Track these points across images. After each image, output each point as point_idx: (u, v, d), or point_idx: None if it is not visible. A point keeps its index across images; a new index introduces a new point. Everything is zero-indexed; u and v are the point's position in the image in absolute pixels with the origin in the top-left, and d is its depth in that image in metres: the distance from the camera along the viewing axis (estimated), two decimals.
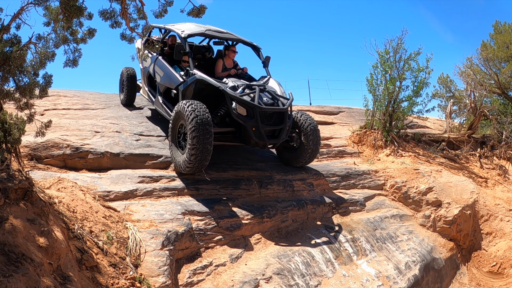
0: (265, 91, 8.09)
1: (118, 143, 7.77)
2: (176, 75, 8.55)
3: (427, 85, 13.55)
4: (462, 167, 13.26)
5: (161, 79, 9.17)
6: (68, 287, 3.12)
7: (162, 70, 9.16)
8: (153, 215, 5.85)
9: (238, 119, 7.61)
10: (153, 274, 4.74)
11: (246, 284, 5.42)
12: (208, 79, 7.81)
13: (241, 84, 8.08)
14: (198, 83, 7.98)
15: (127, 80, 11.29)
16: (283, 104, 7.98)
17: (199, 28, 9.16)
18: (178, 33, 8.88)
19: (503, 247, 9.96)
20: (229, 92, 7.60)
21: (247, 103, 7.56)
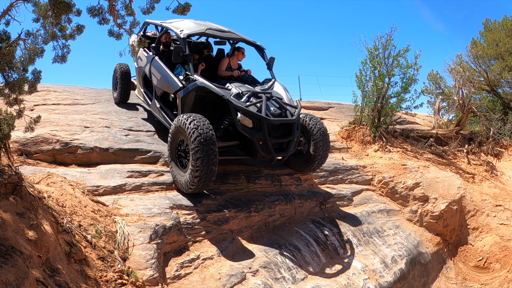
0: (271, 99, 7.53)
1: (108, 138, 7.81)
2: (174, 80, 7.96)
3: (415, 81, 13.74)
4: (449, 163, 13.42)
5: (158, 82, 8.56)
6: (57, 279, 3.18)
7: (159, 72, 8.55)
8: (141, 209, 5.91)
9: (243, 132, 7.08)
10: (141, 267, 4.81)
11: (233, 277, 5.50)
12: (211, 87, 7.24)
13: (245, 90, 7.50)
14: (199, 90, 7.41)
15: (121, 77, 10.72)
16: (291, 114, 7.43)
17: (199, 27, 8.56)
18: (177, 33, 8.28)
19: (490, 242, 10.12)
20: (233, 102, 7.06)
21: (253, 114, 7.00)
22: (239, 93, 7.39)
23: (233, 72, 8.64)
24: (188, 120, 6.56)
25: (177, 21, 9.25)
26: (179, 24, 8.86)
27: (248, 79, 8.74)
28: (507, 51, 18.32)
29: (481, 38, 20.16)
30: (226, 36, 8.64)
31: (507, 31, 18.88)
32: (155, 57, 8.85)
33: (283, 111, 7.42)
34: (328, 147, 8.56)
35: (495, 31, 19.37)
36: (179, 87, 7.78)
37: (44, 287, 2.80)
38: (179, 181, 6.79)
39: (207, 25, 8.83)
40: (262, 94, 7.43)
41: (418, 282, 8.58)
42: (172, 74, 8.19)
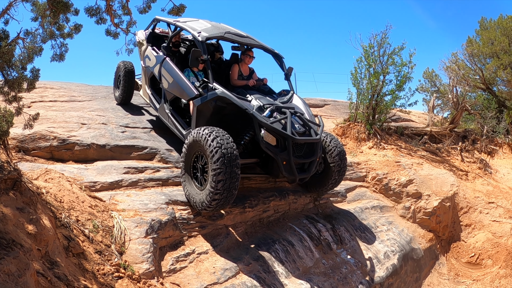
0: (295, 115, 6.95)
1: (104, 135, 7.87)
2: (189, 86, 7.32)
3: (410, 79, 13.89)
4: (443, 160, 13.56)
5: (169, 86, 7.94)
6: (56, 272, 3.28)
7: (171, 75, 7.89)
8: (137, 204, 5.99)
9: (267, 150, 6.53)
10: (137, 261, 4.90)
11: (227, 271, 5.59)
12: (233, 98, 6.67)
13: (267, 104, 6.96)
14: (219, 100, 6.85)
15: (124, 76, 10.04)
16: (315, 133, 6.91)
17: (217, 30, 7.90)
18: (194, 35, 7.63)
19: (482, 238, 10.26)
20: (258, 118, 6.48)
21: (279, 132, 6.43)
22: (261, 106, 6.88)
23: (248, 81, 8.02)
24: (211, 136, 5.96)
25: (191, 20, 8.63)
26: (194, 24, 8.25)
27: (265, 89, 8.08)
28: (502, 50, 18.43)
29: (477, 37, 20.26)
30: (245, 41, 7.98)
31: (502, 30, 18.98)
32: (166, 58, 8.25)
33: (307, 129, 6.91)
34: (344, 170, 8.17)
35: (490, 30, 19.48)
36: (195, 95, 7.17)
37: (44, 278, 2.91)
38: (192, 197, 6.33)
39: (225, 28, 8.23)
40: (286, 109, 6.88)
41: (411, 277, 8.68)
42: (187, 79, 7.60)
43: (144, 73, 9.47)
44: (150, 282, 4.69)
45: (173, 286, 5.06)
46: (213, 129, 6.10)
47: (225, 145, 5.88)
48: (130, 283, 4.34)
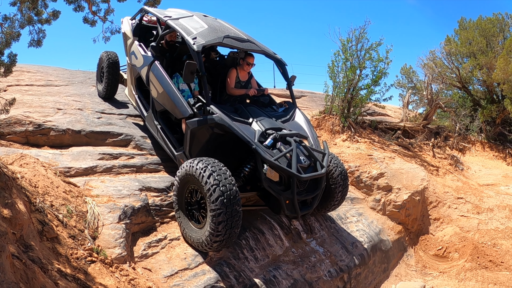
0: (300, 145, 6.23)
1: (80, 121, 7.89)
2: (183, 103, 6.58)
3: (385, 75, 14.06)
4: (415, 155, 13.81)
5: (159, 96, 7.18)
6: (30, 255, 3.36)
7: (161, 84, 7.08)
8: (111, 190, 6.06)
9: (269, 189, 5.88)
10: (110, 245, 4.98)
11: (197, 257, 5.70)
12: (233, 127, 5.95)
13: (269, 128, 6.26)
14: (218, 127, 6.17)
15: (108, 68, 9.31)
16: (322, 166, 6.17)
17: (214, 34, 7.00)
18: (189, 43, 6.72)
19: (450, 232, 10.41)
20: (262, 154, 5.75)
21: (284, 171, 5.74)
22: (263, 132, 6.16)
23: (248, 91, 7.31)
24: (206, 171, 5.37)
25: (184, 16, 7.78)
26: (188, 23, 7.39)
27: (265, 100, 7.45)
28: (479, 50, 18.75)
29: (456, 36, 20.54)
30: (246, 47, 7.17)
31: (481, 31, 19.29)
32: (156, 62, 7.42)
33: (312, 160, 6.22)
34: (346, 190, 7.69)
35: (469, 30, 19.78)
36: (189, 114, 6.47)
37: (19, 261, 2.99)
38: (189, 236, 5.83)
39: (223, 30, 7.29)
40: (290, 138, 6.16)
41: (379, 268, 8.79)
42: (179, 92, 6.80)
43: (130, 71, 8.61)
44: (122, 266, 4.77)
45: (145, 271, 5.15)
46: (208, 162, 5.50)
47: (223, 181, 5.30)
48: (103, 267, 4.43)
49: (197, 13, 8.03)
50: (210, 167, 5.40)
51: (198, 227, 5.72)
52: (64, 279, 3.52)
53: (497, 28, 19.09)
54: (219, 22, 7.80)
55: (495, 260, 9.49)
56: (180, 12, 8.12)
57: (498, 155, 16.96)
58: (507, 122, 18.26)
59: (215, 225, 5.27)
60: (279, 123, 6.64)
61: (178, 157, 6.78)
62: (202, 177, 5.37)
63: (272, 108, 7.32)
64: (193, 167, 5.52)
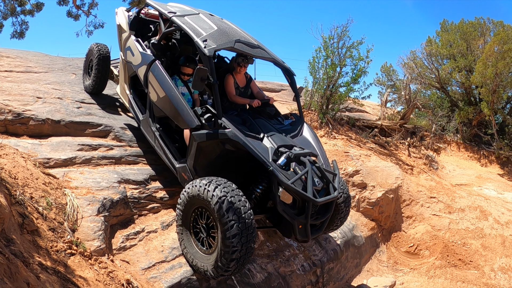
0: (313, 165, 5.82)
1: (60, 110, 7.83)
2: (189, 112, 6.05)
3: (365, 73, 14.27)
4: (390, 153, 14.04)
5: (159, 101, 6.64)
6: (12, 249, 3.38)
7: (162, 87, 6.54)
8: (90, 182, 6.06)
9: (283, 214, 5.44)
10: (89, 238, 5.02)
11: (174, 250, 5.76)
12: (248, 145, 5.50)
13: (281, 146, 5.84)
14: (229, 143, 5.71)
15: (97, 62, 8.70)
16: (334, 189, 5.79)
17: (226, 37, 6.44)
18: (199, 46, 6.14)
19: (421, 230, 10.61)
20: (279, 177, 5.30)
21: (301, 195, 5.32)
22: (276, 150, 5.75)
23: (252, 102, 6.82)
24: (221, 197, 4.90)
25: (189, 13, 7.19)
26: (195, 22, 6.80)
27: (271, 112, 7.01)
28: (459, 53, 19.10)
29: (437, 37, 20.89)
30: (256, 54, 6.68)
31: (462, 34, 19.64)
32: (156, 62, 6.89)
33: (324, 181, 5.85)
34: (346, 218, 7.29)
35: (450, 33, 20.12)
36: (196, 125, 5.94)
37: (2, 255, 3.01)
38: (194, 262, 5.42)
39: (233, 33, 6.74)
40: (305, 158, 5.74)
41: (351, 263, 8.89)
42: (184, 100, 6.28)
43: (123, 68, 8.00)
44: (101, 259, 4.82)
45: (123, 263, 5.21)
46: (220, 183, 5.06)
47: (239, 207, 4.90)
48: (82, 260, 4.47)
49: (202, 11, 7.51)
50: (225, 191, 4.94)
51: (205, 252, 5.31)
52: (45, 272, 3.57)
53: (478, 32, 19.47)
54: (227, 24, 7.25)
55: (464, 259, 9.73)
56: (184, 8, 7.59)
57: (473, 156, 17.36)
58: (483, 124, 18.66)
59: (229, 255, 4.88)
60: (290, 139, 6.23)
61: (180, 170, 6.29)
62: (214, 201, 4.91)
63: (278, 120, 6.94)
64: (202, 188, 5.07)
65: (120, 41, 8.22)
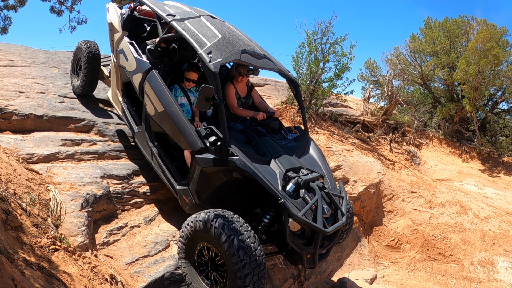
0: (322, 190, 5.45)
1: (42, 105, 7.82)
2: (192, 134, 5.56)
3: (348, 69, 14.36)
4: (372, 149, 14.17)
5: (157, 115, 6.12)
6: None
7: (161, 101, 6.01)
8: (73, 178, 6.06)
9: (293, 245, 5.19)
10: (73, 233, 5.02)
11: (157, 244, 5.79)
12: (258, 176, 5.11)
13: (291, 171, 5.47)
14: (237, 171, 5.32)
15: (86, 61, 8.12)
16: (342, 214, 5.46)
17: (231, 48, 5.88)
18: (204, 60, 5.57)
19: (402, 224, 10.69)
20: (290, 209, 4.96)
21: (311, 226, 5.04)
22: (284, 175, 5.41)
23: (257, 115, 6.47)
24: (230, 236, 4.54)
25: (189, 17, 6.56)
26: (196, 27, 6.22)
27: (275, 125, 6.62)
28: (442, 50, 19.29)
29: (421, 35, 21.05)
30: (263, 65, 6.23)
31: (445, 32, 19.85)
32: (154, 72, 6.31)
33: (332, 206, 5.54)
34: (352, 227, 6.97)
35: (434, 30, 20.29)
36: (199, 148, 5.49)
37: None
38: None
39: (238, 41, 6.21)
40: (314, 185, 5.42)
41: (333, 256, 8.94)
42: (186, 118, 5.77)
43: (116, 72, 7.40)
44: (84, 254, 4.84)
45: (107, 258, 5.23)
46: (224, 219, 4.69)
47: (249, 245, 4.56)
48: (66, 255, 4.49)
49: (202, 12, 7.01)
50: (230, 228, 4.59)
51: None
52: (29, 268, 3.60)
53: (461, 30, 19.67)
54: (230, 29, 6.67)
55: (444, 252, 9.85)
56: (183, 9, 6.99)
57: (455, 151, 17.58)
58: (465, 120, 18.88)
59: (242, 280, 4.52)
60: (297, 159, 5.91)
61: (181, 192, 5.89)
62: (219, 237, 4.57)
63: (281, 134, 6.62)
64: (207, 224, 4.68)
65: (112, 41, 7.61)
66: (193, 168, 5.55)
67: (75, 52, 8.67)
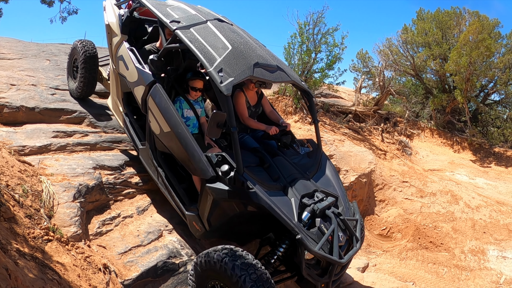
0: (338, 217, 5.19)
1: (34, 97, 7.80)
2: (202, 160, 5.13)
3: (340, 60, 14.39)
4: (364, 139, 14.24)
5: (163, 135, 5.60)
6: None
7: (167, 120, 5.47)
8: (65, 169, 6.08)
9: (309, 277, 4.95)
10: (65, 224, 5.05)
11: (150, 234, 5.83)
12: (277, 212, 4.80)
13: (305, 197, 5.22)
14: (253, 204, 4.97)
15: (84, 62, 7.65)
16: (357, 240, 5.29)
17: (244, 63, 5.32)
18: (214, 78, 5.04)
19: (394, 214, 10.79)
20: (308, 245, 4.70)
21: (328, 259, 4.81)
22: (300, 203, 5.13)
23: (270, 129, 6.02)
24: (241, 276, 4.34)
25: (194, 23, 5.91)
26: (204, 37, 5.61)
27: (287, 140, 6.17)
28: (434, 41, 19.35)
29: (413, 26, 21.11)
30: (277, 79, 5.66)
31: (437, 23, 19.91)
32: (157, 86, 5.72)
33: (347, 232, 5.30)
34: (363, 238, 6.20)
35: (426, 21, 20.35)
36: (211, 176, 5.07)
37: None
38: None
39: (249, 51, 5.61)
40: (330, 212, 5.16)
41: None
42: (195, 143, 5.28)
43: (116, 80, 6.83)
44: (77, 244, 4.87)
45: (100, 248, 5.26)
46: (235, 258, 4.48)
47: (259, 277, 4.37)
48: (59, 246, 4.52)
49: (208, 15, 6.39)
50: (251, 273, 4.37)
51: None
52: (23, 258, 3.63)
53: (453, 21, 19.73)
54: (239, 35, 6.05)
55: (435, 241, 9.95)
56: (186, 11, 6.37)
57: (446, 142, 17.70)
58: (457, 111, 19.00)
59: None
60: (312, 183, 5.59)
61: (190, 218, 5.55)
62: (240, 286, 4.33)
63: (293, 148, 6.22)
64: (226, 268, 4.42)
65: (110, 45, 6.97)
66: (204, 197, 5.20)
67: (71, 52, 8.24)
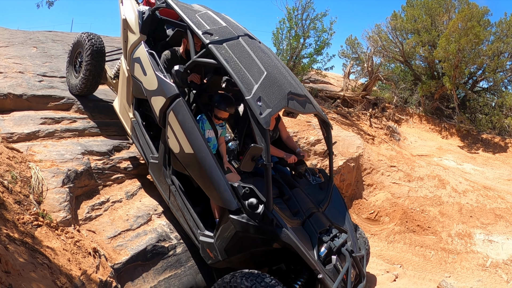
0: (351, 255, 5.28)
1: (21, 84, 7.75)
2: (226, 189, 4.88)
3: (328, 45, 14.44)
4: (352, 124, 14.28)
5: (182, 156, 5.24)
6: None
7: (190, 141, 5.12)
8: (54, 155, 6.09)
9: None
10: (55, 209, 5.08)
11: (139, 218, 5.90)
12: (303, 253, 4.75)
13: (323, 234, 5.28)
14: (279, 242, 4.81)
15: (90, 57, 7.07)
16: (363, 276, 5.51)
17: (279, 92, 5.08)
18: (254, 109, 4.74)
19: (382, 198, 10.85)
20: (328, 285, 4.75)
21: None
22: (318, 239, 5.17)
23: (289, 158, 5.95)
24: None
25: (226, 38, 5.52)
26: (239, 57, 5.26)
27: (302, 170, 6.08)
28: (424, 28, 19.37)
29: (402, 12, 21.10)
30: (306, 111, 5.53)
31: (427, 10, 19.90)
32: (181, 101, 5.31)
33: (357, 270, 5.42)
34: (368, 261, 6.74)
35: (416, 8, 20.36)
36: (235, 208, 4.82)
37: None
38: None
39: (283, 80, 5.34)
40: (345, 250, 5.22)
41: None
42: (220, 169, 4.99)
43: (126, 81, 6.40)
44: (67, 229, 4.90)
45: (89, 233, 5.32)
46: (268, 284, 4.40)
47: None
48: (49, 231, 4.55)
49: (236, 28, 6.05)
50: None
51: None
52: (13, 244, 3.65)
53: (443, 8, 19.74)
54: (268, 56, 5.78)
55: (422, 225, 10.03)
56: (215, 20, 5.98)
57: (434, 128, 17.81)
58: (445, 97, 19.09)
59: None
60: (325, 217, 5.62)
61: (204, 245, 5.27)
62: None
63: (306, 178, 6.13)
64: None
65: (125, 42, 6.48)
66: (225, 227, 4.94)
67: (74, 46, 7.69)
